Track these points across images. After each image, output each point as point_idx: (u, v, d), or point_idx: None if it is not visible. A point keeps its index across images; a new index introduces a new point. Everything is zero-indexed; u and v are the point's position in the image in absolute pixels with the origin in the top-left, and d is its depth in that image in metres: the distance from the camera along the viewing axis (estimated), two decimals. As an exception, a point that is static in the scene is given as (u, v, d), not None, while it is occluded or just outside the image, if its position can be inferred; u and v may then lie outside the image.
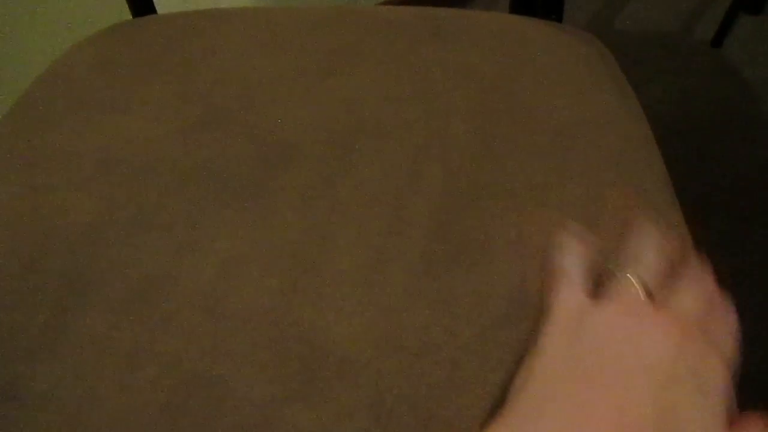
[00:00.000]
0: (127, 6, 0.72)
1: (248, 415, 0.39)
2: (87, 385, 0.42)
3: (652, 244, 0.39)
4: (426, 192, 0.49)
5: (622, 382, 0.32)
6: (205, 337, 0.43)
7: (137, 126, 0.57)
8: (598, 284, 0.38)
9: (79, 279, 0.47)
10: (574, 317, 0.36)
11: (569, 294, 0.37)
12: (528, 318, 0.42)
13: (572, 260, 0.40)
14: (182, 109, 0.58)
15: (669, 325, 0.34)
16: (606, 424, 0.30)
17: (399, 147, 0.53)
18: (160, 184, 0.52)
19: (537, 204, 0.49)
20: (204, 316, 0.44)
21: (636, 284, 0.36)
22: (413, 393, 0.40)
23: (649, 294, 0.36)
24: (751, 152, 1.32)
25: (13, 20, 0.99)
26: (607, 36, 0.69)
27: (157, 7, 0.74)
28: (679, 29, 1.57)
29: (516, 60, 0.60)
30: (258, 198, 0.50)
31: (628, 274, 0.36)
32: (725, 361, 0.34)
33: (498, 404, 0.38)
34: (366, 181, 0.51)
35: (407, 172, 0.51)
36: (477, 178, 0.50)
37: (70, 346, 0.43)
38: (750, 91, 1.41)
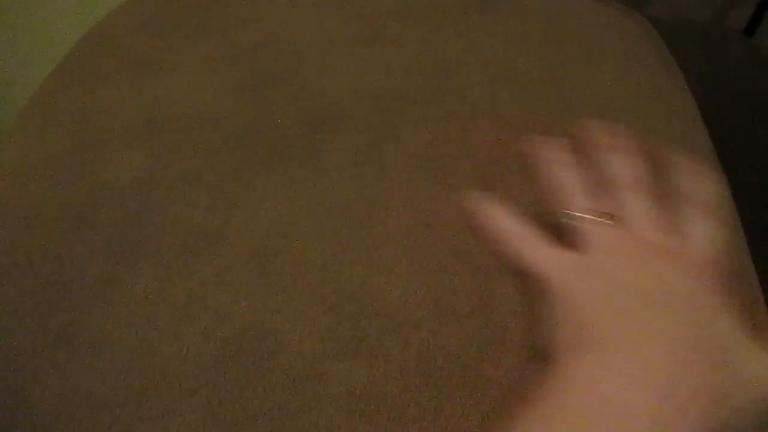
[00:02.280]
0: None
1: (299, 369, 0.40)
2: (140, 334, 0.42)
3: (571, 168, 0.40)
4: (474, 158, 0.49)
5: (657, 314, 0.32)
6: (257, 293, 0.43)
7: (184, 86, 0.57)
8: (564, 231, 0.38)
9: (131, 233, 0.47)
10: (564, 267, 0.36)
11: (539, 249, 0.38)
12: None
13: (508, 220, 0.40)
14: (228, 71, 0.58)
15: (659, 254, 0.35)
16: (661, 354, 0.31)
17: (446, 114, 0.53)
18: (208, 144, 0.52)
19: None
20: (255, 272, 0.44)
21: (596, 219, 0.37)
22: (463, 353, 0.40)
23: (612, 218, 0.37)
24: (780, 142, 1.31)
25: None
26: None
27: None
28: (711, 16, 1.55)
29: (562, 32, 0.60)
30: (306, 160, 0.51)
31: (580, 214, 0.37)
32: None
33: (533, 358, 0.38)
34: (413, 146, 0.51)
35: (455, 139, 0.51)
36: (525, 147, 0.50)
37: (123, 297, 0.44)
38: (781, 81, 1.40)
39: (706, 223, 0.38)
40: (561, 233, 0.40)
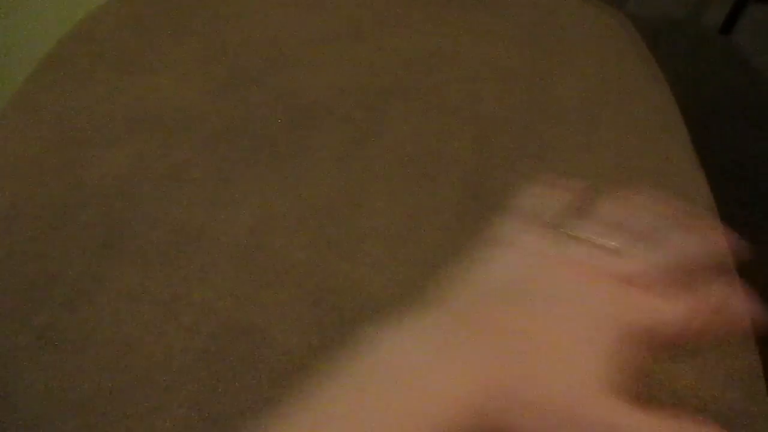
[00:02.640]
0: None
1: (285, 362, 0.40)
2: (125, 331, 0.42)
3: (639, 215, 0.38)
4: (456, 152, 0.50)
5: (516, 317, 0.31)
6: (241, 288, 0.43)
7: (166, 85, 0.57)
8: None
9: (114, 230, 0.47)
10: (520, 250, 0.36)
11: (525, 228, 0.37)
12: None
13: (543, 203, 0.40)
14: (211, 70, 0.58)
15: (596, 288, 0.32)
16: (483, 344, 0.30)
17: (429, 109, 0.53)
18: (191, 142, 0.52)
19: (567, 167, 0.49)
20: (239, 267, 0.44)
21: (596, 247, 0.35)
22: (448, 344, 0.40)
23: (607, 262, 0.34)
24: (755, 139, 1.33)
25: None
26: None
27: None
28: (689, 15, 1.57)
29: (543, 28, 0.61)
30: (289, 157, 0.51)
31: (592, 237, 0.35)
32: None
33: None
34: (397, 141, 0.51)
35: (437, 134, 0.51)
36: (506, 140, 0.51)
37: (107, 294, 0.44)
38: (757, 78, 1.42)
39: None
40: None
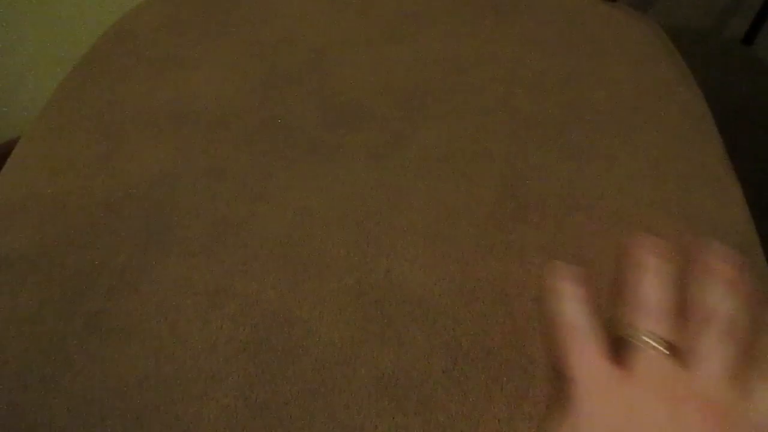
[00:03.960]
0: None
1: (329, 354, 0.41)
2: (170, 320, 0.43)
3: (656, 291, 0.34)
4: (492, 153, 0.51)
5: None
6: (283, 281, 0.44)
7: (206, 82, 0.58)
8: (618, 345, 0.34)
9: (157, 222, 0.48)
10: (601, 385, 0.33)
11: (590, 358, 0.34)
12: (596, 277, 0.44)
13: (579, 313, 0.35)
14: (250, 68, 0.59)
15: (702, 409, 0.30)
16: None
17: (465, 110, 0.54)
18: (231, 138, 0.53)
19: (602, 171, 0.50)
20: (281, 261, 0.45)
21: (655, 346, 0.32)
22: (489, 339, 0.41)
23: (673, 350, 0.32)
24: (778, 149, 1.33)
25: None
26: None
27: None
28: (711, 26, 1.57)
29: (576, 34, 0.61)
30: (328, 154, 0.52)
31: (644, 337, 0.32)
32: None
33: None
34: (434, 141, 0.52)
35: (474, 134, 0.52)
36: (542, 142, 0.51)
37: (152, 284, 0.45)
38: (779, 88, 1.42)
39: None
40: (615, 343, 0.35)
